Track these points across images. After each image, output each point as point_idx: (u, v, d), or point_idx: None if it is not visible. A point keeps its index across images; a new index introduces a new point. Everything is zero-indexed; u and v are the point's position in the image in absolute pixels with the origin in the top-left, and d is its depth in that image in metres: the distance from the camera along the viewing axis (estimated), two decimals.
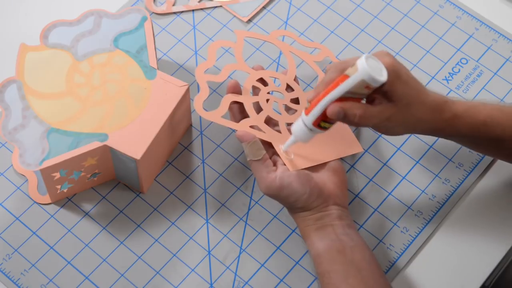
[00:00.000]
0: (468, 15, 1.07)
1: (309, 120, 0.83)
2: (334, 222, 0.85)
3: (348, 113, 0.81)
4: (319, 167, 0.88)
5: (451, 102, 0.86)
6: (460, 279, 0.91)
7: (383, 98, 0.83)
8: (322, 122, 0.82)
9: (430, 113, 0.85)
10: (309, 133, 0.84)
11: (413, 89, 0.83)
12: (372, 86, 0.80)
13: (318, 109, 0.82)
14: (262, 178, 0.86)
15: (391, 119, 0.83)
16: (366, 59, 0.79)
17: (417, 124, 0.85)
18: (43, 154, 0.86)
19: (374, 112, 0.82)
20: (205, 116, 0.87)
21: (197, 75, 0.90)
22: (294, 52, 0.97)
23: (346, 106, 0.81)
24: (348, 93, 0.80)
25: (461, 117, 0.86)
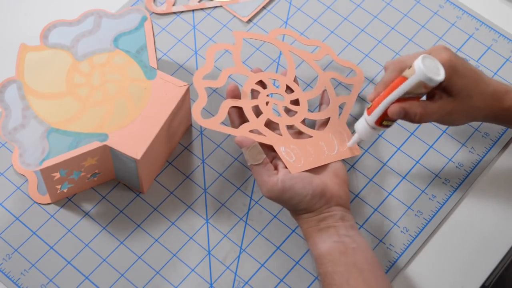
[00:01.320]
0: (468, 15, 1.07)
1: (371, 119, 0.87)
2: (336, 223, 0.85)
3: (409, 111, 0.84)
4: (320, 169, 0.88)
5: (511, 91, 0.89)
6: (460, 279, 0.91)
7: (443, 93, 0.86)
8: (384, 121, 0.86)
9: (491, 101, 0.88)
10: (371, 131, 0.88)
11: (472, 80, 0.86)
12: (430, 86, 0.83)
13: (380, 109, 0.86)
14: (263, 182, 0.85)
15: (452, 113, 0.87)
16: (423, 60, 0.82)
17: (478, 113, 0.89)
18: (43, 154, 0.86)
19: (434, 108, 0.86)
20: (203, 124, 0.87)
21: (195, 81, 0.90)
22: (294, 51, 0.97)
23: (406, 106, 0.84)
24: (407, 93, 0.84)
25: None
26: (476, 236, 0.93)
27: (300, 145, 0.89)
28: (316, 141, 0.90)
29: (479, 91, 0.87)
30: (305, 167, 0.87)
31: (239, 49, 0.94)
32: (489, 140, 0.98)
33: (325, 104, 0.93)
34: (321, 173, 0.87)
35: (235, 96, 0.90)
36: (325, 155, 0.89)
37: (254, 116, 0.89)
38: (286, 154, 0.87)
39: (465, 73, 0.86)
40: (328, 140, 0.90)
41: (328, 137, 0.90)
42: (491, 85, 0.88)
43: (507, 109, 0.89)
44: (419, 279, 0.90)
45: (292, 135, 0.91)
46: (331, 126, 0.92)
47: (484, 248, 0.92)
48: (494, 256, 0.92)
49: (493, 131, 0.99)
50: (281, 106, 0.92)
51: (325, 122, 0.92)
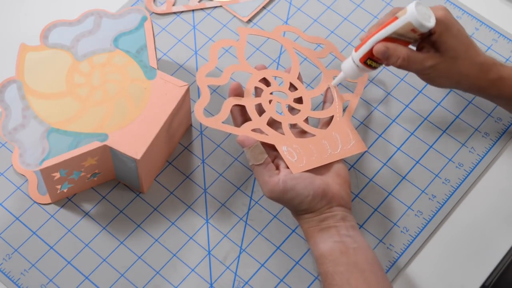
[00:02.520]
0: (468, 15, 1.07)
1: (357, 56, 0.87)
2: (338, 223, 0.85)
3: (392, 53, 0.85)
4: (322, 168, 0.88)
5: (499, 65, 0.90)
6: (460, 279, 0.91)
7: (431, 47, 0.87)
8: (369, 59, 0.87)
9: (476, 71, 0.88)
10: (356, 69, 0.88)
11: (463, 44, 0.87)
12: (419, 31, 0.84)
13: (366, 47, 0.86)
14: (264, 182, 0.85)
15: (435, 68, 0.87)
16: (416, 5, 0.83)
17: (461, 79, 0.89)
18: (43, 154, 0.86)
19: (418, 58, 0.86)
20: (206, 123, 0.87)
21: (198, 79, 0.89)
22: (298, 48, 0.96)
23: (391, 46, 0.85)
24: (395, 34, 0.85)
25: (507, 79, 0.89)
26: (476, 236, 0.93)
27: (302, 144, 0.88)
28: (319, 140, 0.89)
29: (467, 56, 0.87)
30: (307, 167, 0.87)
31: (244, 45, 0.93)
32: (489, 140, 0.98)
33: (329, 103, 0.93)
34: (322, 173, 0.87)
35: (238, 94, 0.89)
36: (328, 154, 0.88)
37: (257, 114, 0.89)
38: (288, 154, 0.87)
39: (457, 34, 0.86)
40: (332, 139, 0.90)
41: (332, 136, 0.90)
42: (480, 55, 0.89)
43: (492, 81, 0.88)
44: (419, 279, 0.91)
45: (296, 134, 0.90)
46: (335, 124, 0.91)
47: (484, 248, 0.92)
48: (494, 256, 0.92)
49: (493, 131, 0.99)
50: (284, 104, 0.91)
51: (328, 121, 0.92)
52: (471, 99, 1.01)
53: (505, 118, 1.00)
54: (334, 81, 0.92)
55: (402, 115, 1.00)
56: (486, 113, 1.00)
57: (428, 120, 0.99)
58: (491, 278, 0.92)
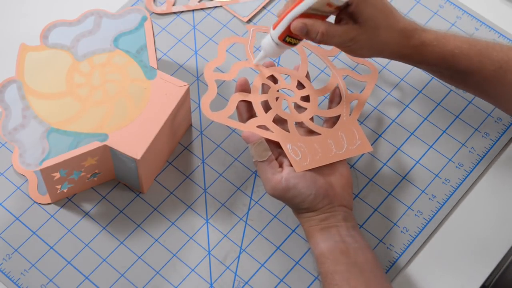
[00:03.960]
0: (468, 15, 1.07)
1: (275, 34, 0.85)
2: (339, 223, 0.85)
3: (311, 29, 0.83)
4: (325, 168, 0.87)
5: (421, 30, 0.87)
6: (460, 279, 0.91)
7: (350, 19, 0.85)
8: (288, 37, 0.85)
9: (398, 38, 0.86)
10: (276, 47, 0.86)
11: (382, 12, 0.85)
12: (334, 4, 0.82)
13: (283, 24, 0.84)
14: (267, 179, 0.85)
15: (355, 40, 0.85)
16: None
17: (384, 47, 0.87)
18: (43, 154, 0.86)
19: (337, 31, 0.84)
20: (211, 117, 0.86)
21: (206, 73, 0.89)
22: (308, 46, 0.95)
23: (309, 22, 0.83)
24: (311, 9, 0.82)
25: (429, 45, 0.87)
26: (476, 236, 0.93)
27: (307, 142, 0.88)
28: (325, 139, 0.89)
29: (387, 24, 0.85)
30: (310, 166, 0.86)
31: (252, 43, 0.93)
32: (489, 140, 0.98)
33: (336, 101, 0.92)
34: (326, 172, 0.87)
35: (245, 90, 0.88)
36: (333, 153, 0.88)
37: (263, 111, 0.88)
38: (292, 152, 0.87)
39: (375, 3, 0.84)
40: (337, 138, 0.89)
41: (338, 135, 0.89)
42: (401, 21, 0.87)
43: (414, 47, 0.87)
44: (419, 279, 0.91)
45: (301, 132, 0.90)
46: (341, 124, 0.90)
47: (484, 248, 0.92)
48: (494, 256, 0.92)
49: (493, 131, 0.99)
50: (290, 102, 0.91)
51: (334, 120, 0.91)
52: (471, 99, 1.01)
53: (505, 118, 1.00)
54: (255, 60, 0.90)
55: (402, 115, 1.00)
56: (486, 113, 1.00)
57: (428, 120, 0.99)
58: (491, 278, 0.92)
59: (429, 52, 0.87)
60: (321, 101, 0.98)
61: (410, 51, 0.87)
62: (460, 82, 0.92)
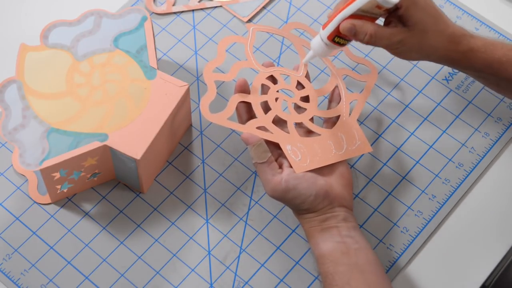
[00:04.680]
0: (468, 15, 1.07)
1: (325, 34, 0.87)
2: (339, 223, 0.85)
3: (359, 30, 0.84)
4: (325, 169, 0.87)
5: (469, 36, 0.88)
6: (460, 279, 0.91)
7: (399, 22, 0.86)
8: (337, 37, 0.86)
9: (446, 43, 0.87)
10: (325, 47, 0.88)
11: (431, 16, 0.86)
12: (384, 7, 0.83)
13: (333, 24, 0.86)
14: (267, 180, 0.85)
15: (403, 43, 0.86)
16: None
17: (432, 51, 0.87)
18: (43, 154, 0.86)
19: (385, 33, 0.85)
20: (211, 119, 0.86)
21: (205, 74, 0.88)
22: (307, 46, 0.95)
23: (357, 23, 0.84)
24: (360, 11, 0.84)
25: (477, 51, 0.88)
26: (476, 236, 0.93)
27: (307, 143, 0.88)
28: (324, 139, 0.89)
29: (436, 29, 0.86)
30: (310, 167, 0.86)
31: (252, 42, 0.93)
32: (489, 140, 0.98)
33: (335, 102, 0.92)
34: (326, 173, 0.87)
35: (244, 91, 0.88)
36: (333, 154, 0.88)
37: (262, 112, 0.88)
38: (292, 153, 0.87)
39: (424, 7, 0.85)
40: (337, 139, 0.89)
41: (337, 136, 0.89)
42: (450, 26, 0.87)
43: (462, 52, 0.87)
44: (419, 279, 0.91)
45: (301, 133, 0.90)
46: (341, 124, 0.90)
47: (484, 248, 0.92)
48: (494, 256, 0.92)
49: (493, 131, 0.99)
50: (290, 103, 0.91)
51: (334, 120, 0.91)
52: (471, 99, 1.01)
53: (505, 118, 1.00)
54: (304, 59, 0.91)
55: (402, 115, 1.00)
56: (486, 113, 1.00)
57: (428, 120, 0.99)
58: (491, 278, 0.92)
59: (477, 58, 0.88)
60: (320, 101, 0.98)
61: (458, 56, 0.88)
62: (506, 90, 0.92)
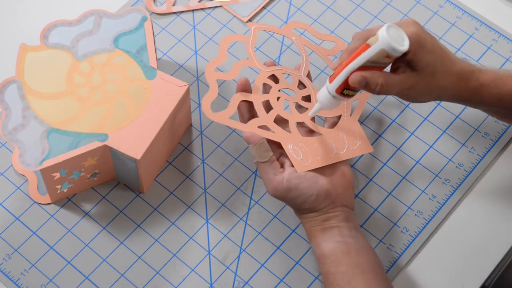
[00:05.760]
0: (468, 15, 1.07)
1: (332, 87, 0.84)
2: (340, 223, 0.85)
3: (370, 81, 0.82)
4: (327, 168, 0.87)
5: (478, 71, 0.87)
6: (460, 279, 0.91)
7: (407, 67, 0.84)
8: (345, 90, 0.84)
9: (456, 81, 0.86)
10: (333, 100, 0.85)
11: (438, 57, 0.84)
12: (393, 56, 0.81)
13: (341, 77, 0.83)
14: (269, 179, 0.85)
15: (414, 88, 0.84)
16: (388, 29, 0.80)
17: (442, 92, 0.86)
18: (43, 154, 0.86)
19: (396, 80, 0.84)
20: (212, 118, 0.86)
21: (207, 73, 0.88)
22: (309, 46, 0.95)
23: (367, 75, 0.82)
24: (369, 62, 0.82)
25: (487, 86, 0.87)
26: (476, 236, 0.93)
27: (308, 143, 0.88)
28: (326, 139, 0.89)
29: (445, 69, 0.85)
30: (312, 166, 0.86)
31: (254, 41, 0.92)
32: (489, 140, 0.98)
33: None
34: (327, 173, 0.87)
35: (246, 90, 0.88)
36: (334, 154, 0.88)
37: (264, 111, 0.88)
38: (294, 152, 0.87)
39: (431, 49, 0.84)
40: (338, 139, 0.89)
41: (338, 136, 0.89)
42: (457, 64, 0.86)
43: (472, 89, 0.87)
44: (419, 279, 0.91)
45: (303, 132, 0.90)
46: (342, 124, 0.91)
47: (484, 248, 0.92)
48: (494, 256, 0.92)
49: (493, 131, 0.99)
50: (292, 102, 0.91)
51: (335, 120, 0.91)
52: None
53: None
54: (310, 113, 0.88)
55: (402, 115, 1.00)
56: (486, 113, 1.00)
57: (428, 120, 0.99)
58: (491, 278, 0.92)
59: (487, 93, 0.87)
60: None
61: (468, 94, 0.87)
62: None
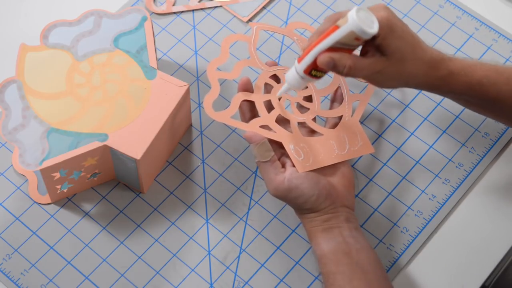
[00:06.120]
0: (468, 15, 1.07)
1: (301, 68, 0.84)
2: (341, 224, 0.85)
3: (338, 63, 0.81)
4: (328, 169, 0.87)
5: (448, 59, 0.87)
6: (460, 279, 0.91)
7: (376, 51, 0.83)
8: (314, 70, 0.83)
9: (425, 69, 0.85)
10: (300, 80, 0.85)
11: (408, 44, 0.84)
12: (362, 38, 0.80)
13: (309, 58, 0.83)
14: (270, 179, 0.85)
15: (382, 72, 0.84)
16: (357, 11, 0.79)
17: (411, 79, 0.86)
18: (43, 154, 0.86)
19: (364, 64, 0.83)
20: (214, 117, 0.86)
21: (209, 72, 0.88)
22: None
23: (336, 56, 0.81)
24: (338, 43, 0.81)
25: (457, 75, 0.86)
26: (476, 236, 0.93)
27: (309, 143, 0.88)
28: (327, 139, 0.89)
29: (414, 56, 0.84)
30: (313, 166, 0.86)
31: (256, 41, 0.92)
32: (489, 140, 0.98)
33: (337, 102, 0.92)
34: (328, 173, 0.87)
35: (247, 90, 0.88)
36: (335, 154, 0.88)
37: (266, 111, 0.88)
38: (295, 152, 0.87)
39: (402, 35, 0.83)
40: (339, 139, 0.89)
41: (340, 136, 0.89)
42: (428, 52, 0.85)
43: (442, 77, 0.86)
44: (419, 279, 0.91)
45: (304, 132, 0.90)
46: (343, 124, 0.91)
47: (484, 248, 0.92)
48: (494, 256, 0.92)
49: (493, 131, 0.99)
50: (293, 102, 0.91)
51: (336, 120, 0.91)
52: None
53: None
54: (278, 93, 0.88)
55: (402, 115, 1.00)
56: None
57: (428, 120, 0.99)
58: (491, 278, 0.92)
59: (456, 82, 0.87)
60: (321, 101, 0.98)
61: (438, 82, 0.87)
62: (488, 110, 0.91)
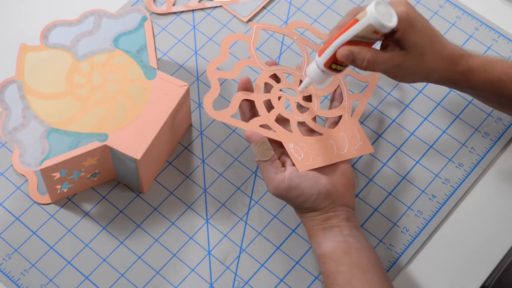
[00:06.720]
0: (468, 15, 1.07)
1: (321, 61, 0.85)
2: (341, 223, 0.85)
3: (357, 57, 0.82)
4: (328, 168, 0.87)
5: (467, 55, 0.87)
6: (460, 279, 0.91)
7: (396, 45, 0.84)
8: (334, 64, 0.84)
9: (445, 64, 0.86)
10: (321, 74, 0.86)
11: (428, 38, 0.84)
12: (381, 32, 0.81)
13: (329, 51, 0.84)
14: (270, 178, 0.85)
15: (401, 67, 0.85)
16: (376, 5, 0.80)
17: (430, 73, 0.87)
18: (43, 154, 0.86)
19: (383, 58, 0.84)
20: (214, 116, 0.86)
21: (209, 71, 0.88)
22: (311, 46, 0.95)
23: (355, 49, 0.82)
24: (357, 37, 0.82)
25: (476, 71, 0.87)
26: (476, 236, 0.93)
27: (309, 142, 0.88)
28: (327, 139, 0.89)
29: (434, 51, 0.85)
30: (313, 166, 0.86)
31: (255, 40, 0.92)
32: (489, 140, 0.98)
33: (337, 101, 0.92)
34: (328, 172, 0.87)
35: (247, 89, 0.88)
36: (335, 153, 0.88)
37: (266, 110, 0.88)
38: (295, 152, 0.87)
39: (421, 30, 0.84)
40: (339, 139, 0.89)
41: (339, 136, 0.90)
42: (448, 47, 0.86)
43: (461, 72, 0.87)
44: (419, 279, 0.91)
45: (304, 132, 0.90)
46: (343, 124, 0.91)
47: (484, 248, 0.92)
48: (494, 256, 0.92)
49: (493, 131, 0.99)
50: (293, 102, 0.91)
51: (336, 120, 0.91)
52: (471, 99, 1.01)
53: (505, 118, 1.00)
54: (300, 86, 0.89)
55: (402, 115, 1.00)
56: (486, 113, 1.00)
57: (428, 120, 0.99)
58: (491, 278, 0.92)
59: (476, 78, 0.87)
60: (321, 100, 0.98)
61: (457, 77, 0.87)
62: (507, 107, 0.92)
